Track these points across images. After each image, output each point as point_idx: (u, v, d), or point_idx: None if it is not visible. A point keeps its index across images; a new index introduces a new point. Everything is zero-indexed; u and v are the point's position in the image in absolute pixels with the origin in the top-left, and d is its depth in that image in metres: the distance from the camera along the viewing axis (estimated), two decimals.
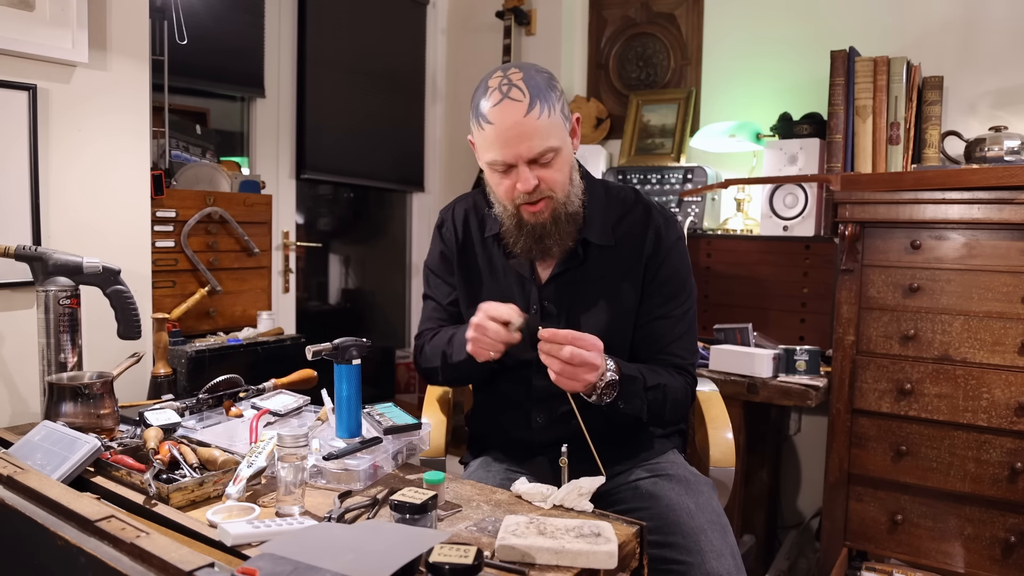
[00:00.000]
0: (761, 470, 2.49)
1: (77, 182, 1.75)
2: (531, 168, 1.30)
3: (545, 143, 1.28)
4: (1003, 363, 1.84)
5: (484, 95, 1.31)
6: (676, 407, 1.40)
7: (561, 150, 1.32)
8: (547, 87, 1.30)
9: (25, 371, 1.66)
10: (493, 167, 1.34)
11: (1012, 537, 1.84)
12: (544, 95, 1.28)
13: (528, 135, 1.27)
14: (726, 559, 1.26)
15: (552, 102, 1.29)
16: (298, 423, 1.54)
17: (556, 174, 1.33)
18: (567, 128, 1.35)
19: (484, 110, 1.30)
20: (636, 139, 2.98)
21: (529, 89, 1.27)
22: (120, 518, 0.94)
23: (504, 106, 1.27)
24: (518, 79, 1.28)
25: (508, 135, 1.28)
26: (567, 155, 1.35)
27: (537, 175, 1.31)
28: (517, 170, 1.31)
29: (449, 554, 0.90)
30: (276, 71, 2.83)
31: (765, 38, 2.79)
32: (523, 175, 1.30)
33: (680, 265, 1.45)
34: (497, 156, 1.30)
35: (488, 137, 1.30)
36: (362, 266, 3.51)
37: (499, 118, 1.28)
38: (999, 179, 1.82)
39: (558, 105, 1.31)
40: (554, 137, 1.30)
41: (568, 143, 1.35)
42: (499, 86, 1.29)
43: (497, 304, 1.27)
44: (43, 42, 1.63)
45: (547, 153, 1.30)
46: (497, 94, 1.28)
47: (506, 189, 1.34)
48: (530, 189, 1.31)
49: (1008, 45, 2.37)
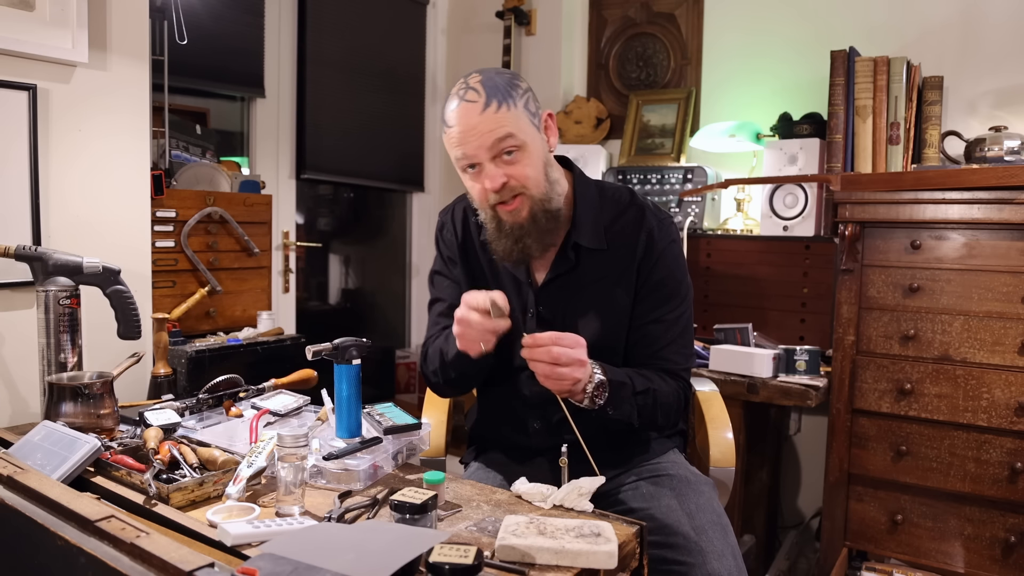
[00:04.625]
0: (761, 470, 2.49)
1: (77, 182, 1.75)
2: (496, 165, 1.30)
3: (503, 130, 1.28)
4: (1003, 363, 1.84)
5: (447, 101, 1.35)
6: (668, 412, 1.39)
7: (526, 144, 1.31)
8: (507, 86, 1.31)
9: (25, 371, 1.66)
10: (462, 167, 1.35)
11: (1012, 537, 1.84)
12: (502, 92, 1.30)
13: (485, 129, 1.28)
14: (727, 559, 1.26)
15: (513, 98, 1.30)
16: (298, 423, 1.54)
17: (525, 169, 1.32)
18: (534, 124, 1.34)
19: (445, 114, 1.33)
20: (636, 139, 2.98)
21: (486, 89, 1.29)
22: (120, 518, 0.94)
23: (461, 107, 1.30)
24: (476, 82, 1.31)
25: (466, 132, 1.29)
26: (536, 151, 1.34)
27: (505, 172, 1.31)
28: (484, 168, 1.31)
29: (449, 554, 0.90)
30: (276, 71, 2.83)
31: (765, 38, 2.79)
32: (489, 172, 1.31)
33: (674, 268, 1.43)
34: (459, 152, 1.32)
35: (451, 138, 1.32)
36: (362, 266, 3.51)
37: (456, 118, 1.30)
38: (999, 179, 1.82)
39: (520, 101, 1.31)
40: (513, 127, 1.29)
41: (537, 139, 1.34)
42: (458, 91, 1.33)
43: (478, 293, 1.27)
44: (43, 42, 1.63)
45: (507, 141, 1.29)
46: (455, 98, 1.32)
47: (480, 191, 1.35)
48: (498, 187, 1.30)
49: (1008, 45, 2.37)
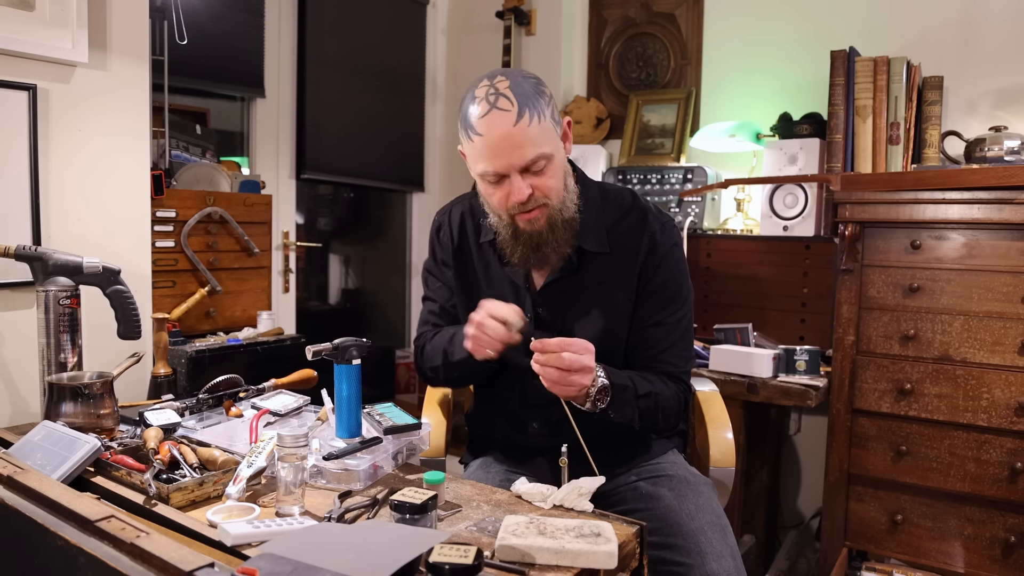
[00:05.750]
0: (761, 470, 2.49)
1: (77, 182, 1.75)
2: (524, 177, 1.28)
3: (537, 151, 1.26)
4: (1003, 363, 1.84)
5: (471, 105, 1.28)
6: (668, 415, 1.39)
7: (553, 157, 1.29)
8: (535, 93, 1.27)
9: (25, 371, 1.66)
10: (485, 178, 1.31)
11: (1012, 537, 1.84)
12: (533, 102, 1.25)
13: (519, 144, 1.25)
14: (726, 560, 1.26)
15: (541, 108, 1.26)
16: (298, 423, 1.54)
17: (550, 181, 1.30)
18: (558, 133, 1.32)
19: (472, 121, 1.27)
20: (636, 139, 2.98)
21: (517, 97, 1.24)
22: (120, 518, 0.94)
23: (492, 116, 1.24)
24: (505, 87, 1.25)
25: (498, 146, 1.25)
26: (560, 161, 1.33)
27: (530, 183, 1.28)
28: (510, 180, 1.29)
29: (449, 554, 0.90)
30: (276, 71, 2.83)
31: (765, 38, 2.79)
32: (516, 185, 1.28)
33: (676, 271, 1.43)
34: (488, 167, 1.28)
35: (478, 148, 1.28)
36: (362, 266, 3.51)
37: (488, 129, 1.25)
38: (999, 179, 1.82)
39: (548, 110, 1.28)
40: (546, 144, 1.27)
41: (560, 148, 1.33)
42: (486, 96, 1.26)
43: (499, 303, 1.27)
44: (43, 42, 1.63)
45: (539, 161, 1.27)
46: (485, 104, 1.25)
47: (499, 199, 1.32)
48: (524, 199, 1.28)
49: (1008, 45, 2.37)
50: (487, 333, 1.25)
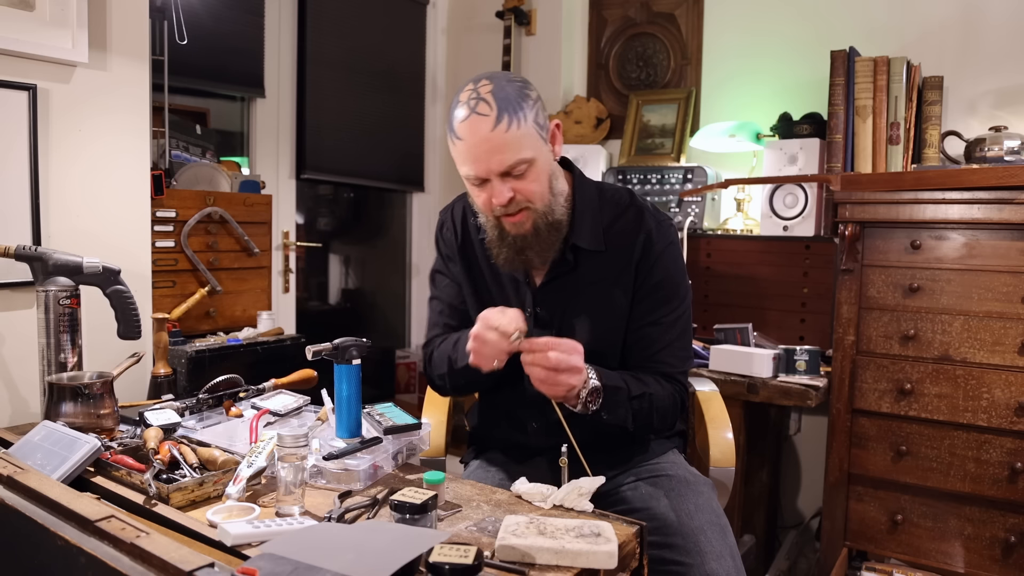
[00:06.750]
0: (761, 470, 2.49)
1: (77, 182, 1.75)
2: (504, 180, 1.29)
3: (516, 156, 1.26)
4: (1003, 363, 1.84)
5: (455, 109, 1.29)
6: (664, 416, 1.39)
7: (535, 161, 1.29)
8: (518, 97, 1.27)
9: (25, 371, 1.66)
10: (469, 180, 1.33)
11: (1012, 537, 1.84)
12: (514, 106, 1.26)
13: (497, 149, 1.25)
14: (725, 560, 1.26)
15: (523, 112, 1.26)
16: (298, 423, 1.54)
17: (532, 185, 1.30)
18: (543, 137, 1.32)
19: (455, 125, 1.29)
20: (636, 139, 2.98)
21: (497, 102, 1.25)
22: (120, 518, 0.94)
23: (471, 121, 1.26)
24: (487, 92, 1.26)
25: (477, 150, 1.26)
26: (543, 165, 1.32)
27: (511, 187, 1.29)
28: (491, 183, 1.30)
29: (449, 554, 0.90)
30: (276, 71, 2.83)
31: (765, 38, 2.79)
32: (496, 189, 1.29)
33: (672, 270, 1.42)
34: (470, 171, 1.30)
35: (460, 151, 1.29)
36: (362, 266, 3.51)
37: (467, 133, 1.26)
38: (999, 179, 1.82)
39: (531, 114, 1.28)
40: (526, 148, 1.27)
41: (544, 152, 1.32)
42: (468, 100, 1.27)
43: (496, 314, 1.26)
44: (43, 42, 1.63)
45: (519, 165, 1.27)
46: (466, 108, 1.27)
47: (484, 201, 1.33)
48: (504, 202, 1.29)
49: (1008, 45, 2.37)
50: (488, 345, 1.25)
